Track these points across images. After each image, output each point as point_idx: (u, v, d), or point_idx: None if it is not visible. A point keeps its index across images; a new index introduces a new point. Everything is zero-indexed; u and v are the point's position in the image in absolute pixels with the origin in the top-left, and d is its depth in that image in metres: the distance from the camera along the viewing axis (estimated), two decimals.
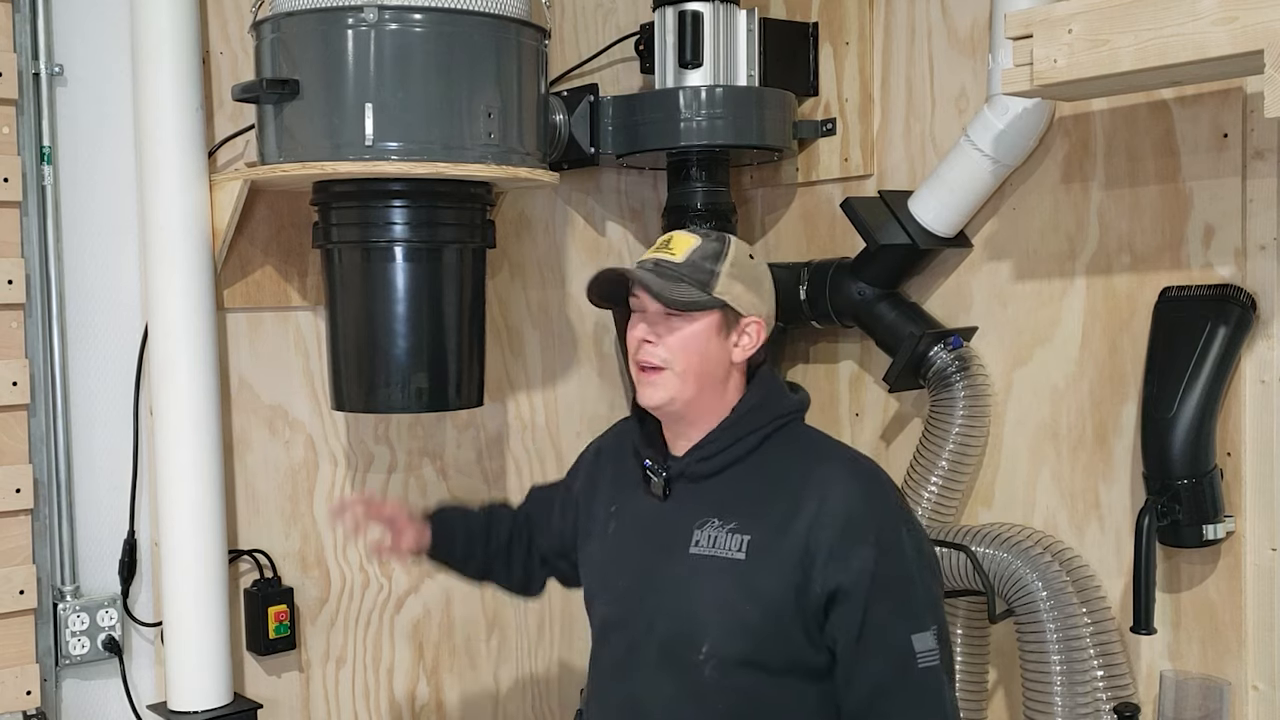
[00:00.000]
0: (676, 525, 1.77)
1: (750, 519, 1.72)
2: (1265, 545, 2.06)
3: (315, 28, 2.11)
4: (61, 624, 2.26)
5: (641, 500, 1.84)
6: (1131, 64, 1.80)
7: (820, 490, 1.70)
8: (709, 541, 1.73)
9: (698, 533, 1.74)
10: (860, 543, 1.66)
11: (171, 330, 2.22)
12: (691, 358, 1.75)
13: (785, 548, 1.69)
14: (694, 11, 2.49)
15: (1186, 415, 2.03)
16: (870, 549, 1.66)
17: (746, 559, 1.70)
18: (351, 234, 2.24)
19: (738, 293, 1.76)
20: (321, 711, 2.53)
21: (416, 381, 2.25)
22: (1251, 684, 2.08)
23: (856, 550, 1.66)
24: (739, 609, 1.70)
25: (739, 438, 1.77)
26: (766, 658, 1.70)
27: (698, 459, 1.78)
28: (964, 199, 2.36)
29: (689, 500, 1.78)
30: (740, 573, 1.70)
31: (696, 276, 1.75)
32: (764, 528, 1.71)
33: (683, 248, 1.77)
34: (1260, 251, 2.05)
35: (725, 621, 1.71)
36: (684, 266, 1.75)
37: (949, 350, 2.38)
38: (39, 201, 2.22)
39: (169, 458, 2.23)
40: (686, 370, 1.75)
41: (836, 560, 1.66)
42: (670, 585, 1.76)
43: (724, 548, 1.72)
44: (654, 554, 1.79)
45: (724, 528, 1.73)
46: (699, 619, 1.73)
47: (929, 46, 2.52)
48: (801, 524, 1.68)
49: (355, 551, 2.55)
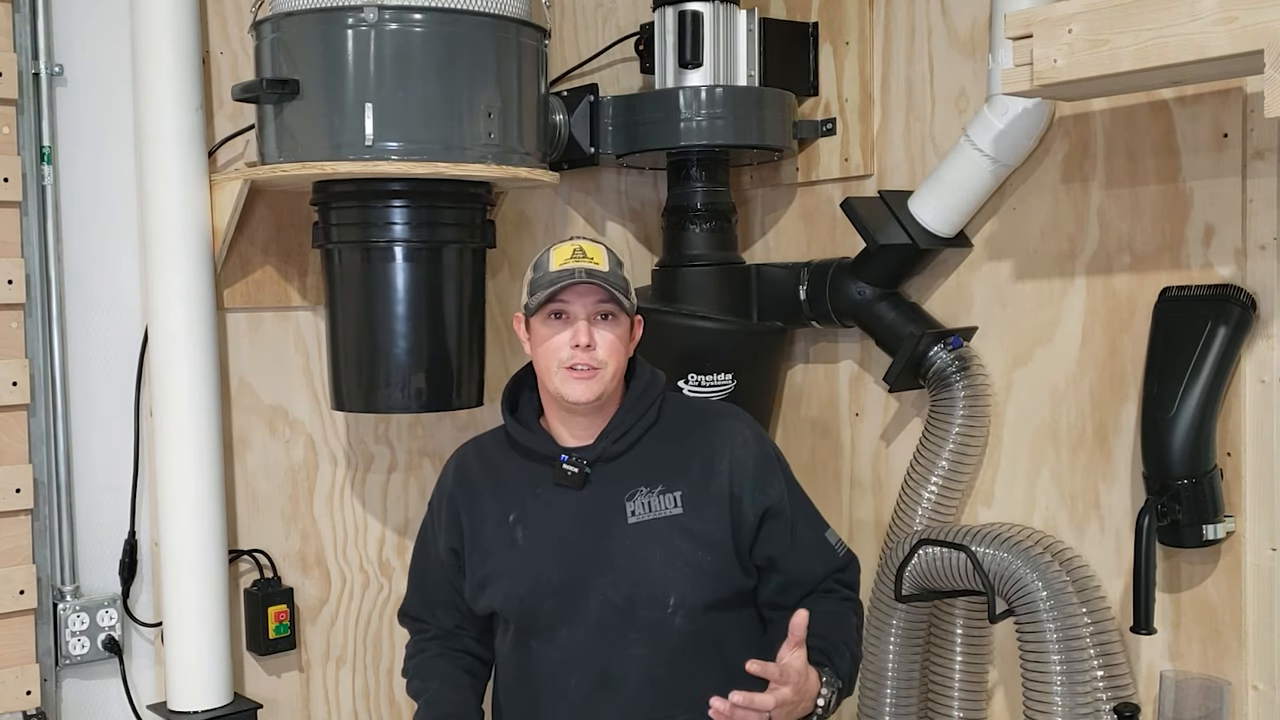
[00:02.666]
0: (604, 504, 1.91)
1: (674, 477, 1.92)
2: (1265, 545, 2.06)
3: (315, 28, 2.11)
4: (61, 624, 2.26)
5: (550, 497, 1.93)
6: (1131, 64, 1.80)
7: (728, 440, 1.95)
8: (644, 507, 1.90)
9: (630, 504, 1.90)
10: (772, 473, 1.96)
11: (171, 330, 2.22)
12: (620, 357, 1.92)
13: (713, 493, 1.91)
14: (694, 11, 2.49)
15: (1186, 415, 2.03)
16: (779, 476, 1.97)
17: (684, 511, 1.90)
18: (351, 234, 2.25)
19: (633, 295, 1.96)
20: (321, 711, 2.53)
21: (416, 381, 2.25)
22: (1251, 684, 2.08)
23: (772, 480, 1.95)
24: (693, 556, 1.88)
25: (641, 414, 1.95)
26: (722, 593, 1.90)
27: (613, 440, 1.93)
28: (964, 199, 2.36)
29: (608, 479, 1.92)
30: (682, 524, 1.89)
31: (618, 284, 1.90)
32: (689, 482, 1.91)
33: (601, 257, 1.91)
34: (1260, 251, 2.05)
35: (685, 570, 1.88)
36: (610, 274, 1.90)
37: (949, 350, 2.38)
38: (39, 201, 2.22)
39: (169, 458, 2.23)
40: (617, 369, 1.91)
41: (760, 490, 1.93)
42: (621, 557, 1.88)
43: (660, 508, 1.90)
44: (590, 538, 1.90)
45: (653, 491, 1.90)
46: (661, 576, 1.88)
47: (929, 46, 2.52)
48: (722, 471, 1.92)
49: (355, 551, 2.56)
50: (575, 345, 1.87)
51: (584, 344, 1.87)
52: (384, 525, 2.59)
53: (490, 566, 1.96)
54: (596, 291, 1.87)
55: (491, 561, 1.96)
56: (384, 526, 2.59)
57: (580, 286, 1.87)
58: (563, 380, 1.88)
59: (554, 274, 1.88)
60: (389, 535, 2.60)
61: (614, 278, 1.89)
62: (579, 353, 1.87)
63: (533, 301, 1.89)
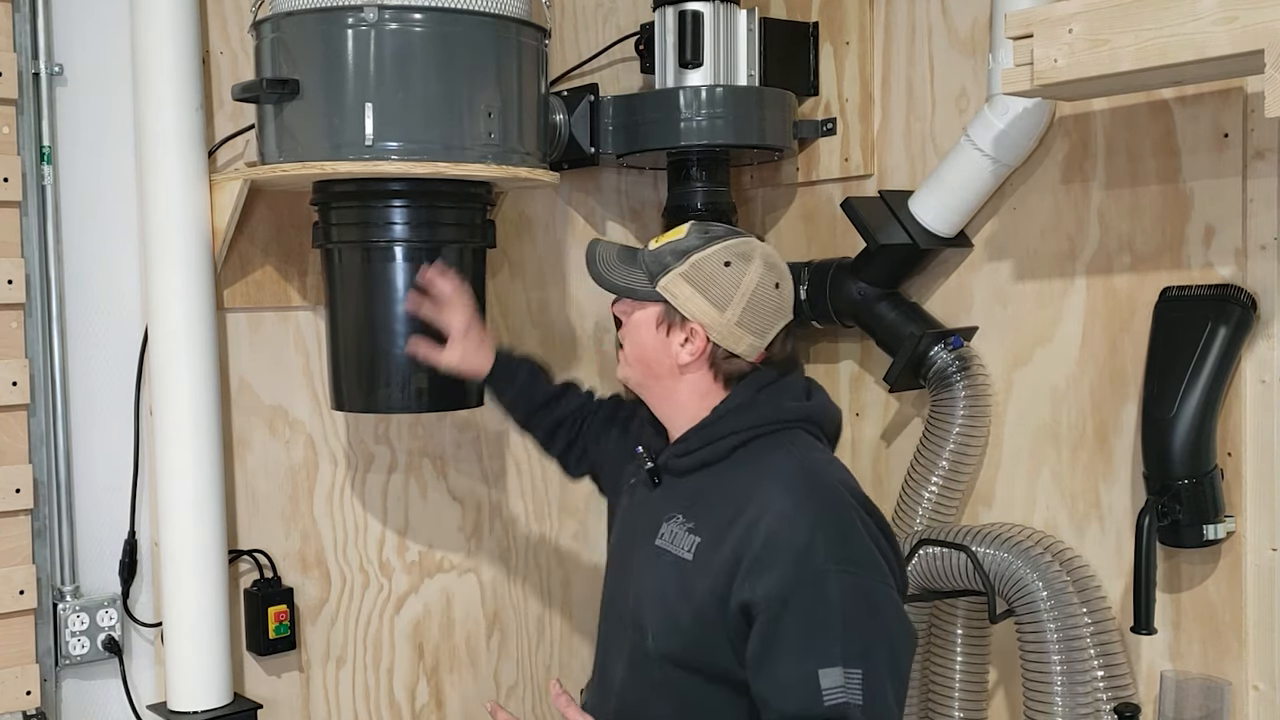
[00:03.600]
0: (654, 514, 1.79)
1: (704, 522, 1.71)
2: (1265, 545, 2.06)
3: (315, 27, 2.11)
4: (61, 624, 2.26)
5: (641, 482, 1.86)
6: (1131, 64, 1.80)
7: (759, 507, 1.64)
8: (670, 536, 1.74)
9: (664, 525, 1.76)
10: (778, 563, 1.59)
11: (172, 330, 2.22)
12: (634, 346, 1.80)
13: (719, 556, 1.66)
14: (694, 11, 2.49)
15: (1187, 415, 2.03)
16: (787, 574, 1.58)
17: (692, 560, 1.70)
18: (351, 234, 2.24)
19: (683, 293, 1.74)
20: (321, 711, 2.53)
21: (416, 381, 2.25)
22: (1252, 684, 2.08)
23: (768, 571, 1.59)
24: (674, 607, 1.70)
25: (710, 441, 1.74)
26: (697, 661, 1.69)
27: (674, 454, 1.79)
28: (964, 199, 2.36)
29: (668, 492, 1.80)
30: (683, 572, 1.70)
31: (652, 266, 1.77)
32: (710, 533, 1.70)
33: (667, 238, 1.80)
34: (1260, 251, 2.05)
35: (663, 617, 1.72)
36: (650, 254, 1.79)
37: (949, 350, 2.38)
38: (39, 201, 2.22)
39: (169, 458, 2.23)
40: (632, 355, 1.81)
41: (753, 576, 1.60)
42: (636, 572, 1.80)
43: (679, 546, 1.73)
44: (635, 538, 1.83)
45: (684, 526, 1.73)
46: (645, 609, 1.76)
47: (929, 46, 2.52)
48: (736, 534, 1.65)
49: (355, 551, 2.55)
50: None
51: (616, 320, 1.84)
52: (384, 525, 2.59)
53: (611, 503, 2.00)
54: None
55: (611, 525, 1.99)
56: (384, 526, 2.59)
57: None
58: None
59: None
60: (389, 535, 2.60)
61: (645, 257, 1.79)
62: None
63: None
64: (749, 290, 1.74)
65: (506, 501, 2.75)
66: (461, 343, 2.16)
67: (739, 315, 1.74)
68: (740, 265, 1.74)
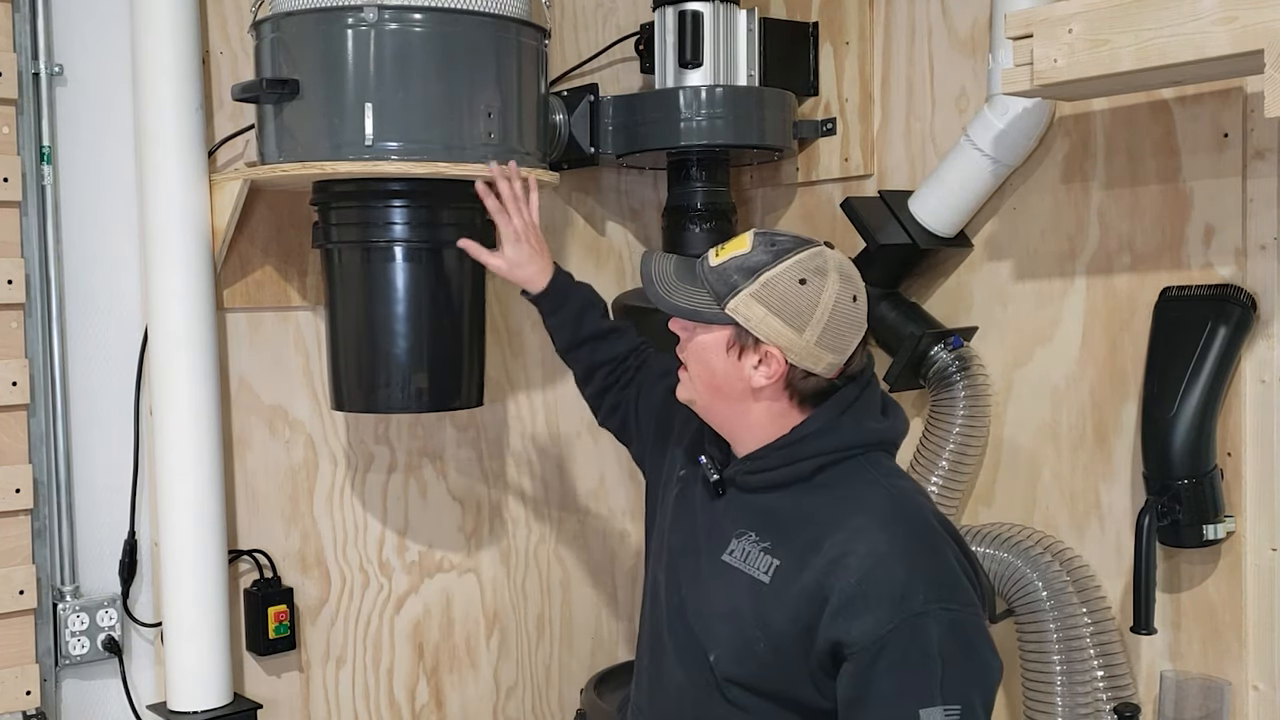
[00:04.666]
0: (720, 525, 1.71)
1: (783, 544, 1.63)
2: (1265, 545, 2.06)
3: (315, 28, 2.11)
4: (61, 624, 2.26)
5: (701, 484, 1.77)
6: (1131, 64, 1.80)
7: (848, 539, 1.57)
8: (742, 554, 1.65)
9: (735, 541, 1.67)
10: (875, 605, 1.52)
11: (171, 330, 2.22)
12: (702, 370, 1.68)
13: (800, 583, 1.58)
14: (694, 11, 2.49)
15: (1187, 415, 2.03)
16: (884, 615, 1.51)
17: (769, 583, 1.62)
18: (351, 234, 2.24)
19: (755, 315, 1.62)
20: (321, 711, 2.53)
21: (416, 381, 2.25)
22: (1252, 684, 2.08)
23: (865, 613, 1.52)
24: (747, 632, 1.62)
25: (792, 461, 1.65)
26: (767, 687, 1.63)
27: (747, 470, 1.69)
28: (964, 199, 2.36)
29: (735, 506, 1.70)
30: (760, 595, 1.62)
31: (717, 286, 1.64)
32: (790, 557, 1.61)
33: (729, 251, 1.66)
34: (1260, 251, 2.05)
35: (732, 640, 1.64)
36: (713, 270, 1.66)
37: (949, 350, 2.38)
38: (39, 201, 2.22)
39: (169, 458, 2.23)
40: (698, 379, 1.69)
41: (842, 615, 1.53)
42: (698, 584, 1.71)
43: (753, 565, 1.64)
44: (695, 545, 1.74)
45: (759, 545, 1.64)
46: (711, 628, 1.67)
47: (929, 46, 2.52)
48: (819, 566, 1.57)
49: (355, 551, 2.55)
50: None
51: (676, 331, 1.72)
52: (384, 525, 2.59)
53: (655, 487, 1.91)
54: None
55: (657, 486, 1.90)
56: (384, 526, 2.59)
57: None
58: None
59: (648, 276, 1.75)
60: (389, 535, 2.60)
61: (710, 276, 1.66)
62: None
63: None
64: (828, 308, 1.62)
65: (506, 501, 2.75)
66: (513, 248, 2.10)
67: (818, 335, 1.62)
68: (816, 281, 1.62)
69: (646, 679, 1.81)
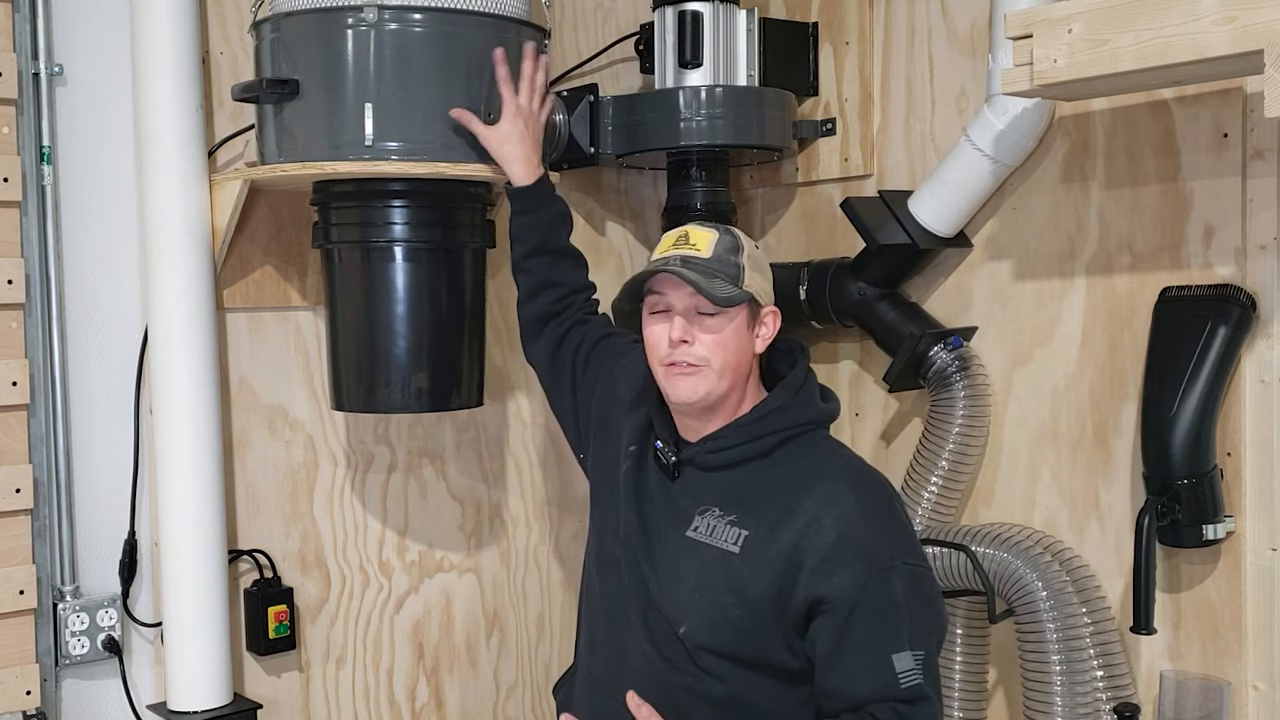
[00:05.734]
0: (679, 505, 1.80)
1: (750, 515, 1.74)
2: (1265, 545, 2.06)
3: (315, 28, 2.11)
4: (61, 624, 2.26)
5: (654, 469, 1.85)
6: (1131, 64, 1.80)
7: (820, 503, 1.70)
8: (707, 529, 1.76)
9: (698, 518, 1.77)
10: (851, 561, 1.67)
11: (171, 330, 2.22)
12: (728, 355, 1.76)
13: (774, 549, 1.70)
14: (694, 11, 2.49)
15: (1186, 415, 2.03)
16: (859, 570, 1.66)
17: (740, 553, 1.72)
18: (351, 234, 2.24)
19: (759, 284, 1.79)
20: (321, 711, 2.53)
21: (416, 381, 2.25)
22: (1251, 684, 2.08)
23: (843, 568, 1.66)
24: (720, 600, 1.72)
25: (755, 437, 1.78)
26: (740, 651, 1.72)
27: (709, 450, 1.79)
28: (964, 199, 2.36)
29: (694, 485, 1.80)
30: (731, 565, 1.72)
31: (726, 271, 1.75)
32: (760, 526, 1.72)
33: (706, 242, 1.77)
34: (1260, 251, 2.05)
35: (706, 610, 1.73)
36: (714, 262, 1.76)
37: (949, 350, 2.38)
38: (39, 201, 2.22)
39: (169, 458, 2.23)
40: (724, 366, 1.76)
41: (822, 573, 1.67)
42: (662, 561, 1.79)
43: (720, 538, 1.74)
44: (653, 524, 1.81)
45: (724, 519, 1.75)
46: (682, 602, 1.75)
47: (929, 46, 2.52)
48: (794, 529, 1.69)
49: (355, 551, 2.55)
50: (671, 342, 1.76)
51: (677, 339, 1.75)
52: (384, 525, 2.59)
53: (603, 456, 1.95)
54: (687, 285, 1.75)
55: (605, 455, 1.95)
56: (384, 526, 2.59)
57: (673, 278, 1.75)
58: (665, 377, 1.78)
59: (649, 265, 1.78)
60: (389, 535, 2.60)
61: (715, 266, 1.75)
62: (675, 351, 1.75)
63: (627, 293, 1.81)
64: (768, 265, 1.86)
65: (506, 501, 2.75)
66: (510, 122, 2.11)
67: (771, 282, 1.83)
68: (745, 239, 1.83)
69: (604, 650, 1.88)
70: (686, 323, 1.76)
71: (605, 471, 1.96)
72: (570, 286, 2.17)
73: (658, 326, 1.79)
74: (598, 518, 1.96)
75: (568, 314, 2.15)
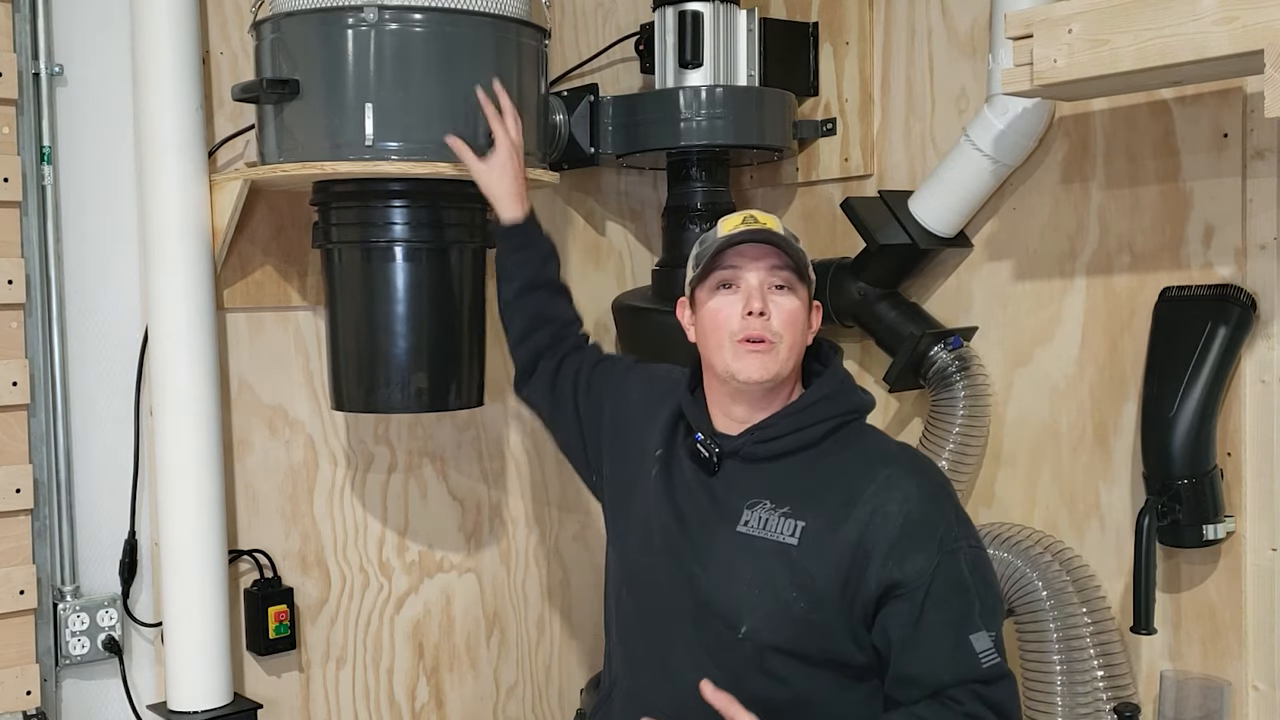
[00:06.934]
0: (725, 501, 1.73)
1: (805, 507, 1.68)
2: (1265, 545, 2.06)
3: (315, 28, 2.11)
4: (61, 624, 2.26)
5: (687, 466, 1.79)
6: (1131, 64, 1.80)
7: (883, 489, 1.67)
8: (759, 523, 1.69)
9: (748, 513, 1.71)
10: (922, 544, 1.64)
11: (171, 330, 2.22)
12: (797, 334, 1.74)
13: (838, 540, 1.65)
14: (694, 11, 2.49)
15: (1186, 415, 2.03)
16: (931, 553, 1.64)
17: (799, 545, 1.66)
18: (351, 234, 2.24)
19: (813, 272, 1.79)
20: (321, 711, 2.53)
21: (416, 381, 2.25)
22: (1252, 684, 2.08)
23: (916, 552, 1.63)
24: (784, 595, 1.66)
25: (804, 426, 1.73)
26: (805, 647, 1.67)
27: (757, 440, 1.74)
28: (964, 199, 2.36)
29: (739, 478, 1.74)
30: (792, 559, 1.66)
31: (797, 252, 1.75)
32: (818, 517, 1.67)
33: (773, 223, 1.76)
34: (1260, 251, 2.05)
35: (769, 606, 1.67)
36: (788, 240, 1.75)
37: (949, 350, 2.38)
38: (39, 201, 2.22)
39: (169, 458, 2.23)
40: (793, 345, 1.73)
41: (894, 559, 1.63)
42: (713, 559, 1.72)
43: (775, 531, 1.68)
44: (696, 525, 1.75)
45: (776, 511, 1.69)
46: (742, 599, 1.68)
47: (929, 46, 2.52)
48: (858, 518, 1.65)
49: (355, 551, 2.55)
50: (748, 313, 1.69)
51: (757, 310, 1.68)
52: (384, 525, 2.59)
53: (622, 473, 1.89)
54: (771, 255, 1.71)
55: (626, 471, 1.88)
56: (384, 526, 2.59)
57: (752, 250, 1.71)
58: (734, 354, 1.70)
59: (723, 238, 1.73)
60: (389, 535, 2.60)
61: (791, 244, 1.73)
62: (752, 321, 1.68)
63: (699, 270, 1.74)
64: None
65: (506, 501, 2.75)
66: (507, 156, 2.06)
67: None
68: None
69: (646, 665, 1.79)
70: (760, 297, 1.71)
71: (625, 485, 1.90)
72: (563, 320, 2.15)
73: (725, 299, 1.73)
74: (621, 532, 1.89)
75: (562, 346, 2.12)
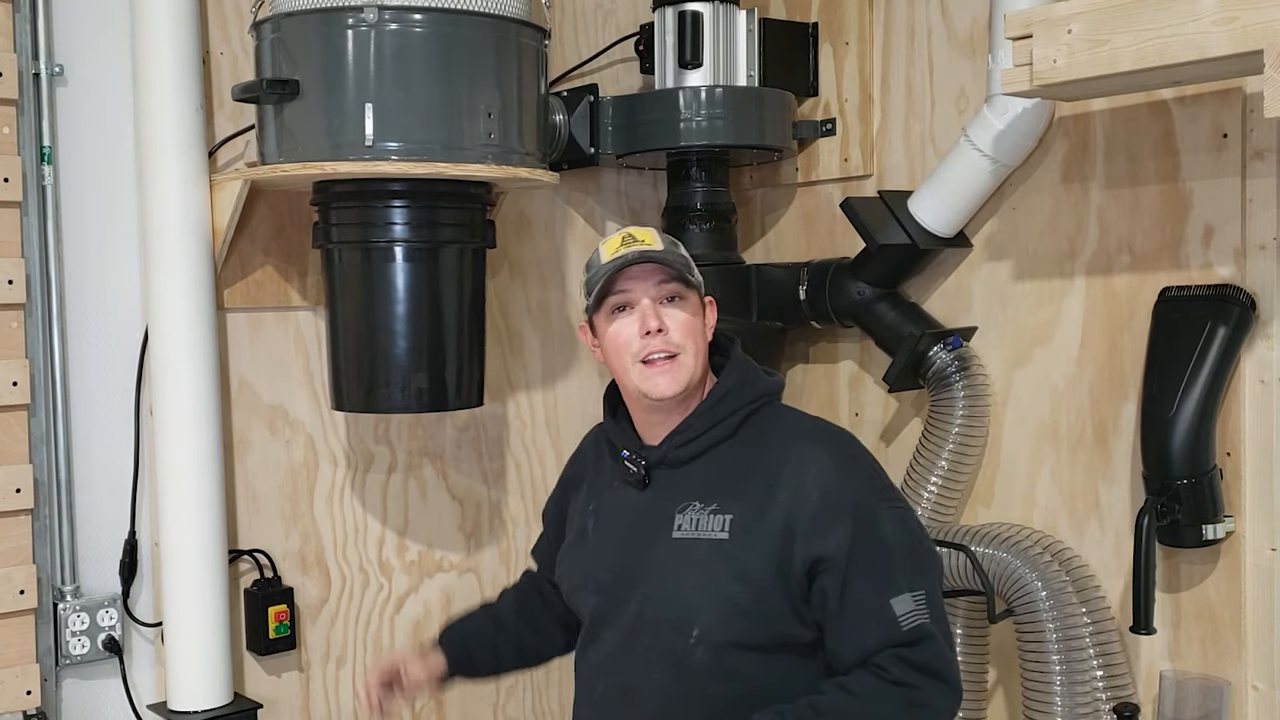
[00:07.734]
0: (658, 512, 1.77)
1: (731, 499, 1.72)
2: (1265, 545, 2.06)
3: (315, 28, 2.11)
4: (62, 624, 2.26)
5: (620, 494, 1.83)
6: (1131, 64, 1.80)
7: (799, 467, 1.71)
8: (691, 524, 1.73)
9: (679, 517, 1.74)
10: (839, 517, 1.67)
11: (171, 330, 2.22)
12: (698, 340, 1.77)
13: (766, 524, 1.69)
14: (694, 11, 2.49)
15: (1186, 415, 2.03)
16: (848, 523, 1.67)
17: (730, 538, 1.70)
18: (351, 234, 2.25)
19: (697, 273, 1.81)
20: (321, 711, 2.53)
21: (416, 381, 2.25)
22: (1251, 684, 2.08)
23: (835, 525, 1.67)
24: (726, 589, 1.69)
25: (718, 420, 1.77)
26: (757, 637, 1.70)
27: (676, 445, 1.77)
28: (964, 199, 2.36)
29: (669, 486, 1.78)
30: (725, 552, 1.70)
31: (680, 261, 1.77)
32: (745, 506, 1.71)
33: (651, 238, 1.78)
34: (1260, 251, 2.05)
35: (714, 603, 1.70)
36: (667, 254, 1.77)
37: (949, 350, 2.38)
38: (39, 201, 2.22)
39: (169, 458, 2.23)
40: (696, 351, 1.76)
41: (815, 534, 1.67)
42: (656, 571, 1.75)
43: (706, 529, 1.72)
44: (637, 543, 1.78)
45: (705, 509, 1.73)
46: (688, 602, 1.72)
47: (929, 46, 2.52)
48: (781, 500, 1.69)
49: (355, 551, 2.55)
50: (645, 333, 1.72)
51: (654, 328, 1.72)
52: (384, 525, 2.59)
53: (566, 549, 1.91)
54: (655, 271, 1.74)
55: (568, 544, 1.91)
56: (384, 526, 2.59)
57: (637, 270, 1.74)
58: (642, 376, 1.74)
59: (606, 265, 1.75)
60: (389, 535, 2.60)
61: (671, 256, 1.76)
62: (651, 340, 1.72)
63: (591, 298, 1.77)
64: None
65: (506, 501, 2.75)
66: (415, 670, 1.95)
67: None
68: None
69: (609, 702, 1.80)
70: (654, 315, 1.74)
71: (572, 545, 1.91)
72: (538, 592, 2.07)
73: (623, 322, 1.76)
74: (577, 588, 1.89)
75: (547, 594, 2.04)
